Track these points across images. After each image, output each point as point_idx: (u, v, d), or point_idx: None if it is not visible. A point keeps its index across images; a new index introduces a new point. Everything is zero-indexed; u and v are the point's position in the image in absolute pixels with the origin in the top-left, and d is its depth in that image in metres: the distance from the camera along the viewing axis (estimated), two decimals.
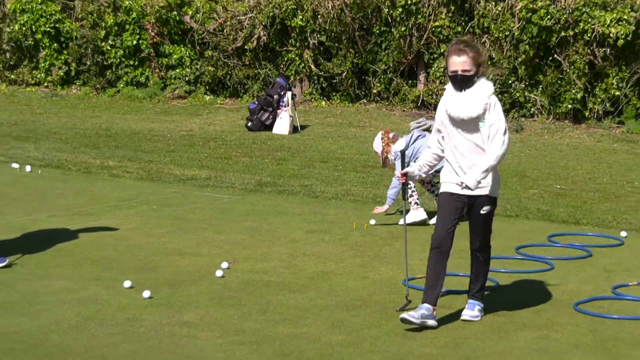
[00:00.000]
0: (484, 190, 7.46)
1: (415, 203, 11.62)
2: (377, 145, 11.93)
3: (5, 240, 10.13)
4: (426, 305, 7.38)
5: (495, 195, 7.66)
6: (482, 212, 7.60)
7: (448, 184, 7.61)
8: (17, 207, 11.82)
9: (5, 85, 24.79)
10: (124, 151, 16.21)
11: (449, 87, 7.59)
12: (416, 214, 11.51)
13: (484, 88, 7.43)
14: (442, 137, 7.67)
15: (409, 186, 11.22)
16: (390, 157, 11.76)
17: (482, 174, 7.33)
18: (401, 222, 8.81)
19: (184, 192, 13.08)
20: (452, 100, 7.46)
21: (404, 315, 7.31)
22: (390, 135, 11.84)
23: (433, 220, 11.02)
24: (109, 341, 7.22)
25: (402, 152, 8.81)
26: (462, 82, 7.40)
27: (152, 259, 9.70)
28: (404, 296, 7.84)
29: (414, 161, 10.87)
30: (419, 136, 11.80)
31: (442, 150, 7.73)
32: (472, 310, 7.59)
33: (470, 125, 7.44)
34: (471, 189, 7.39)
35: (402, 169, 8.13)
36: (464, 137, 7.49)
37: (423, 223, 11.47)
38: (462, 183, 7.41)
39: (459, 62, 7.36)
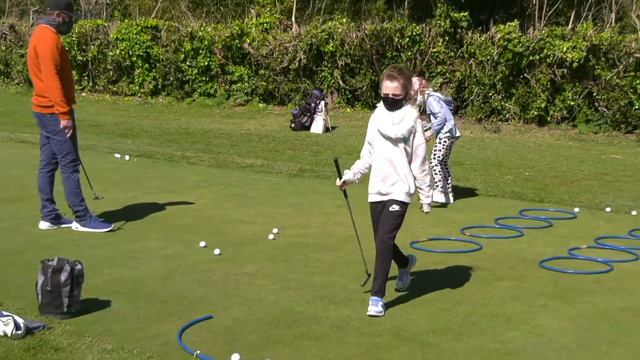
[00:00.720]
0: (394, 196, 7.10)
1: (442, 188, 11.25)
2: (415, 84, 11.26)
3: (110, 211, 10.31)
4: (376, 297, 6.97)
5: (404, 200, 7.10)
6: (390, 209, 7.10)
7: (372, 195, 7.34)
8: (119, 187, 11.99)
9: (109, 96, 24.89)
10: (198, 145, 16.33)
11: (380, 105, 7.21)
12: (440, 196, 11.24)
13: (410, 113, 7.05)
14: (372, 148, 7.35)
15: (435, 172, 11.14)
16: (419, 99, 11.31)
17: (428, 190, 7.21)
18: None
19: (243, 176, 13.21)
20: (383, 118, 7.12)
21: (372, 312, 6.85)
22: (423, 81, 11.55)
23: (441, 198, 11.28)
24: (189, 287, 7.51)
25: (336, 161, 7.77)
26: (393, 104, 7.05)
27: (221, 226, 9.88)
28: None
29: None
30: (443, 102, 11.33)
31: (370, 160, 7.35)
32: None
33: (394, 141, 7.09)
34: (428, 211, 7.38)
35: (339, 178, 7.62)
36: (387, 150, 7.15)
37: (444, 205, 11.26)
38: (426, 213, 7.44)
39: (391, 87, 6.99)
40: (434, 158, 11.08)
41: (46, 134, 9.33)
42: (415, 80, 11.16)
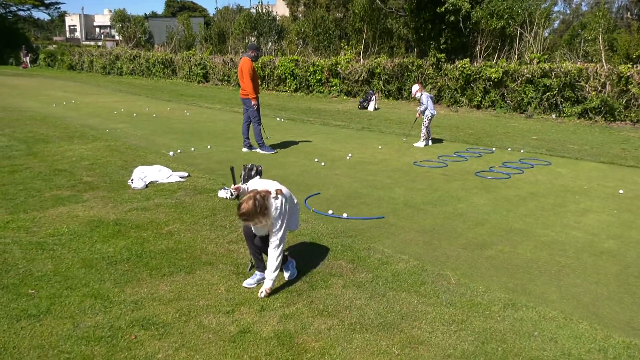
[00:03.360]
0: None
1: (425, 138, 10.48)
2: (415, 89, 10.53)
3: (274, 144, 10.18)
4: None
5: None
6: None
7: None
8: (278, 133, 11.69)
9: (274, 92, 24.93)
10: (314, 115, 15.99)
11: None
12: (422, 143, 10.58)
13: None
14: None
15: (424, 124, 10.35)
16: (420, 96, 10.52)
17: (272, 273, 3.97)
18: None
19: (335, 130, 12.89)
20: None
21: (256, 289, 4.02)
22: (421, 86, 10.70)
23: (420, 144, 10.98)
24: (308, 179, 7.26)
25: (231, 169, 4.59)
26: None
27: (325, 152, 9.55)
28: (414, 168, 7.62)
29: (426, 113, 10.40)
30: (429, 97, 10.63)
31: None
32: (252, 279, 4.10)
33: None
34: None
35: (234, 184, 4.29)
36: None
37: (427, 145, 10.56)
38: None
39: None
40: (423, 125, 10.72)
41: (246, 107, 9.43)
42: (417, 86, 10.68)
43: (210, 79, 27.80)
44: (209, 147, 9.77)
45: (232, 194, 6.30)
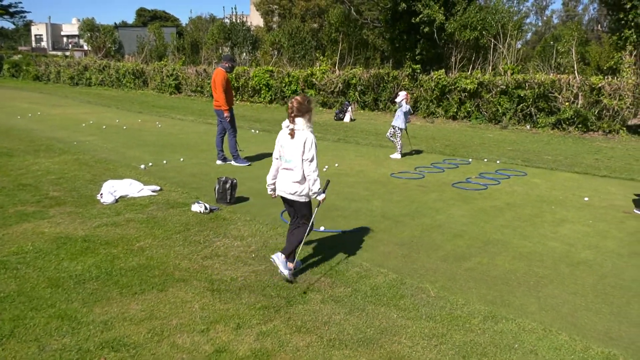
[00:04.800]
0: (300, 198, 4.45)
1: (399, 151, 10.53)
2: (402, 95, 10.49)
3: (248, 156, 10.03)
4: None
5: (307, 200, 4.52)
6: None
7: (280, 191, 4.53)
8: (253, 145, 11.60)
9: (249, 103, 24.92)
10: None
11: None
12: (398, 154, 10.56)
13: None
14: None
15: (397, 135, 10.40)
16: (402, 103, 10.48)
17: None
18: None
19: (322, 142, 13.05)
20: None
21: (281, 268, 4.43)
22: (408, 95, 10.73)
23: (396, 156, 11.04)
24: None
25: (327, 182, 4.77)
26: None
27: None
28: (390, 180, 7.64)
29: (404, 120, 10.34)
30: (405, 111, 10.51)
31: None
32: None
33: None
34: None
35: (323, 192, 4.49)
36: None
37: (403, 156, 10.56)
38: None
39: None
40: (397, 136, 10.70)
41: (219, 119, 9.36)
42: (404, 93, 10.74)
43: (183, 90, 27.59)
44: (181, 159, 9.67)
45: (206, 208, 6.23)
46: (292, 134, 4.39)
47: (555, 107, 16.43)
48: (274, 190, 4.61)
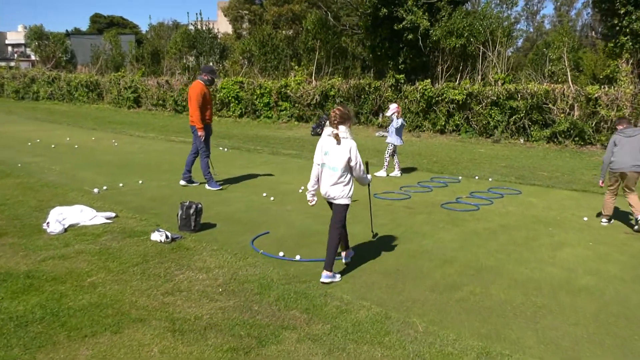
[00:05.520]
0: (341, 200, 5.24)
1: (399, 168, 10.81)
2: (393, 108, 10.63)
3: (218, 178, 10.25)
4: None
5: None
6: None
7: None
8: (222, 164, 11.60)
9: (215, 117, 24.79)
10: (262, 145, 16.02)
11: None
12: (383, 172, 10.77)
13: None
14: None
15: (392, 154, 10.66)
16: (393, 117, 10.62)
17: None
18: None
19: (287, 160, 12.95)
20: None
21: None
22: (400, 109, 10.86)
23: (381, 173, 11.10)
24: (257, 217, 7.41)
25: (366, 163, 5.80)
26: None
27: (274, 185, 9.63)
28: (375, 202, 7.69)
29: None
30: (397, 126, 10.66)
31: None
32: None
33: None
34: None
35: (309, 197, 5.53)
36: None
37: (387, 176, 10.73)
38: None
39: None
40: (387, 152, 10.87)
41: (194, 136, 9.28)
42: (395, 105, 10.82)
43: (143, 103, 27.45)
44: (140, 182, 9.59)
45: (167, 237, 6.14)
46: (337, 139, 5.17)
47: (550, 119, 16.78)
48: (314, 196, 5.45)
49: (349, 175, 5.26)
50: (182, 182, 9.42)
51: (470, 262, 5.85)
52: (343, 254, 5.65)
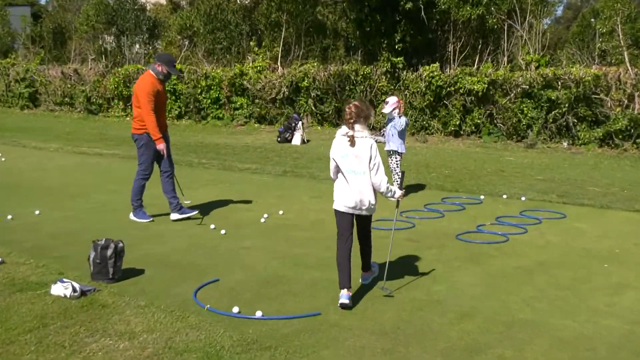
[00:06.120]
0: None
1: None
2: (393, 102, 10.60)
3: (146, 203, 10.16)
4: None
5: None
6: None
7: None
8: (152, 185, 11.71)
9: None
10: (210, 155, 16.05)
11: None
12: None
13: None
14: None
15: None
16: (393, 114, 10.57)
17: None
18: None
19: (243, 176, 13.04)
20: None
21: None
22: (402, 103, 10.84)
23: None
24: (203, 258, 7.43)
25: (402, 173, 7.49)
26: None
27: (226, 213, 9.70)
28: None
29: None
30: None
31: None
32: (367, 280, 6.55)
33: None
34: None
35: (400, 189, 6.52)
36: None
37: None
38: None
39: None
40: (396, 170, 10.88)
41: (140, 148, 9.14)
42: (395, 99, 10.87)
43: (42, 102, 27.27)
44: (37, 212, 9.49)
45: (75, 290, 6.04)
46: (352, 140, 5.90)
47: (603, 115, 17.04)
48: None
49: None
50: (176, 216, 9.26)
51: (497, 315, 5.84)
52: (344, 292, 6.01)
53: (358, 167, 5.94)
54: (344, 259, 6.07)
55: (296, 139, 18.72)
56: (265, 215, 9.40)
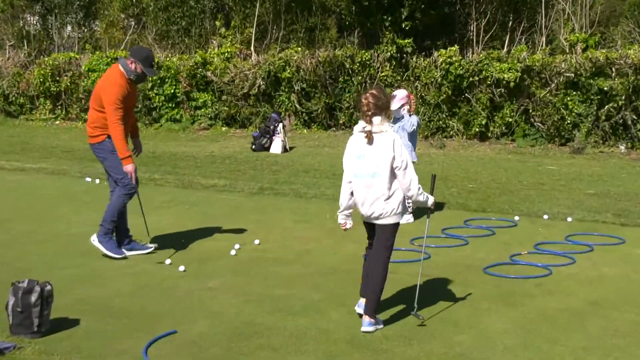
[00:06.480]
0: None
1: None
2: (402, 97, 10.89)
3: (81, 232, 10.01)
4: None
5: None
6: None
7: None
8: (89, 208, 11.64)
9: (81, 123, 24.21)
10: (165, 167, 16.12)
11: None
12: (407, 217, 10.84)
13: None
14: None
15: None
16: (402, 112, 10.86)
17: None
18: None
19: (207, 196, 13.06)
20: None
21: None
22: (413, 98, 11.15)
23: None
24: (155, 303, 7.40)
25: (433, 178, 7.59)
26: None
27: (185, 243, 9.70)
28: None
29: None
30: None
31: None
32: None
33: None
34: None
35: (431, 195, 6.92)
36: None
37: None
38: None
39: None
40: None
41: (104, 161, 9.20)
42: (404, 92, 11.15)
43: None
44: None
45: None
46: (369, 137, 6.30)
47: None
48: (348, 217, 6.81)
49: (397, 183, 6.39)
50: (130, 253, 9.25)
51: None
52: (362, 301, 6.65)
53: (374, 168, 6.36)
54: (366, 267, 6.82)
55: (276, 146, 18.71)
56: (237, 246, 9.35)
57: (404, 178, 6.37)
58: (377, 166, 6.34)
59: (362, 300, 6.69)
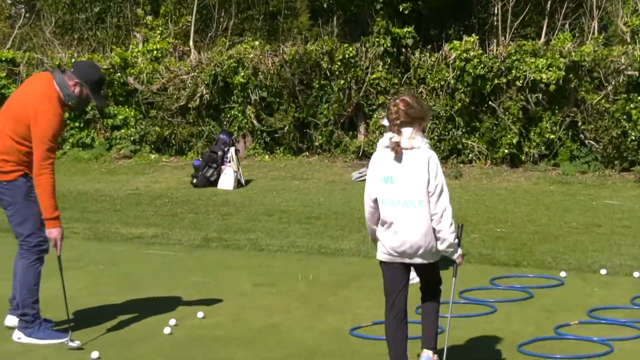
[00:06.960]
0: None
1: None
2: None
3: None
4: None
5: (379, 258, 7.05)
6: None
7: None
8: None
9: None
10: (70, 212, 16.04)
11: None
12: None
13: None
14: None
15: None
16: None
17: None
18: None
19: (131, 251, 13.04)
20: None
21: None
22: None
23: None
24: None
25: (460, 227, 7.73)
26: None
27: (100, 319, 9.61)
28: (350, 346, 7.77)
29: None
30: None
31: None
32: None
33: None
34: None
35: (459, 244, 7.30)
36: None
37: None
38: None
39: None
40: None
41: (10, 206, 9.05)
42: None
43: None
44: None
45: None
46: (396, 150, 6.61)
47: None
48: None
49: None
50: (22, 337, 9.06)
51: None
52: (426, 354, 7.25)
53: (407, 195, 6.64)
54: (393, 332, 6.97)
55: (226, 180, 18.75)
56: (172, 322, 9.28)
57: (436, 207, 6.60)
58: (410, 193, 6.61)
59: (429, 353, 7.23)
